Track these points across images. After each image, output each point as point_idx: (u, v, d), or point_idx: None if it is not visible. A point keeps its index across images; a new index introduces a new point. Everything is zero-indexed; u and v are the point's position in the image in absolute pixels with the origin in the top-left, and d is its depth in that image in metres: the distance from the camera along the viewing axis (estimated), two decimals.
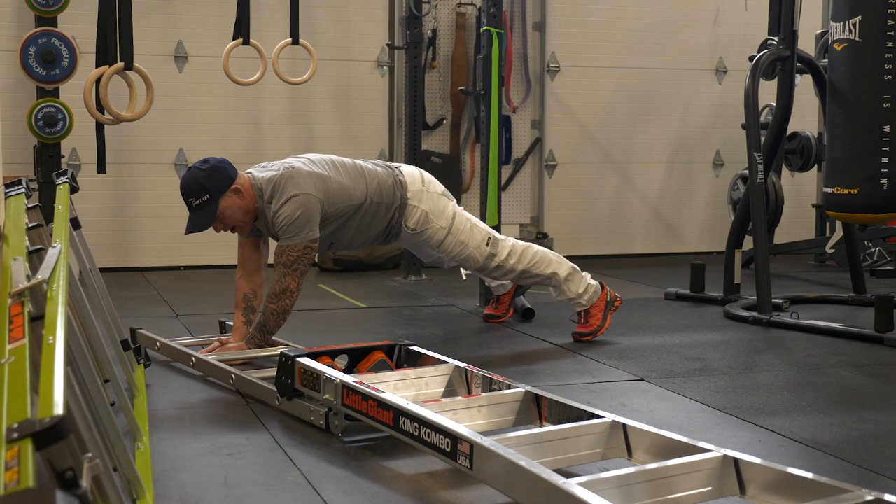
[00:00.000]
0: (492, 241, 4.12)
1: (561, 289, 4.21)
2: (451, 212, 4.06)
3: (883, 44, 4.48)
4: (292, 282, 3.69)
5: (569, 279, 4.19)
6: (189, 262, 6.51)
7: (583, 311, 4.27)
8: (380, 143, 6.87)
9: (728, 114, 7.34)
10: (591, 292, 4.22)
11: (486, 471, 2.30)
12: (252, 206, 3.75)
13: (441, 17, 6.90)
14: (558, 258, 4.23)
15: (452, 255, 4.10)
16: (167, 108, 6.26)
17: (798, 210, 7.40)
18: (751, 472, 2.26)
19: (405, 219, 3.99)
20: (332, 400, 2.87)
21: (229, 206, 3.70)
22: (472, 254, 4.09)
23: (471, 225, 4.10)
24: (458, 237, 4.06)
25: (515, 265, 4.14)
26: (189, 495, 2.43)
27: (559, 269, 4.19)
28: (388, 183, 3.96)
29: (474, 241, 4.08)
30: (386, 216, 3.96)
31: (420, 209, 4.00)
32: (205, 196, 3.67)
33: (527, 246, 4.20)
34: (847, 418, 3.13)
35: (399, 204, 3.97)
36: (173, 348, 3.79)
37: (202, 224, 3.73)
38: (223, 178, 3.69)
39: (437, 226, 4.02)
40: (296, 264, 3.69)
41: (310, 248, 3.71)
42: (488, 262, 4.12)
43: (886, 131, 4.48)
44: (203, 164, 3.73)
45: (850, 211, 4.59)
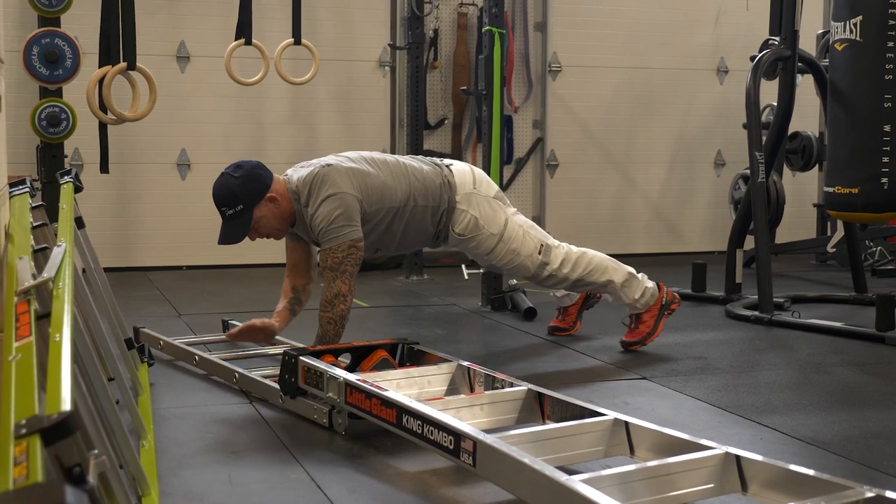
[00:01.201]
0: (544, 249, 3.84)
1: (617, 295, 3.98)
2: (503, 217, 3.80)
3: (884, 44, 4.49)
4: (342, 285, 3.44)
5: (625, 285, 3.94)
6: (191, 262, 6.52)
7: (634, 315, 4.06)
8: (382, 143, 6.88)
9: (729, 114, 7.35)
10: (647, 296, 3.99)
11: (489, 468, 2.31)
12: (288, 212, 3.54)
13: (443, 17, 6.91)
14: (615, 264, 3.97)
15: (502, 263, 3.84)
16: (170, 108, 6.27)
17: (799, 210, 7.41)
18: (753, 470, 2.27)
19: (453, 224, 3.75)
20: (335, 398, 2.88)
21: (264, 216, 3.50)
22: (524, 263, 3.83)
23: (523, 232, 3.83)
24: (509, 245, 3.80)
25: (569, 274, 3.88)
26: (193, 493, 2.44)
27: (615, 275, 3.93)
28: (435, 184, 3.71)
29: (526, 249, 3.82)
30: (433, 220, 3.72)
31: (469, 214, 3.75)
32: (238, 206, 3.45)
33: (581, 252, 3.92)
34: (848, 416, 3.14)
35: (446, 207, 3.72)
36: (177, 347, 3.80)
37: (236, 235, 3.51)
38: (257, 186, 3.47)
39: (487, 233, 3.77)
40: (342, 266, 3.44)
41: (354, 248, 3.46)
42: (540, 271, 3.85)
43: (887, 131, 4.50)
44: (236, 171, 3.49)
45: (851, 210, 4.61)
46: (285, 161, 6.64)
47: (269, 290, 5.76)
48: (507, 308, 5.00)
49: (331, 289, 3.45)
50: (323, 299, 3.47)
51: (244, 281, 6.06)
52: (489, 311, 5.02)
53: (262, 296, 5.54)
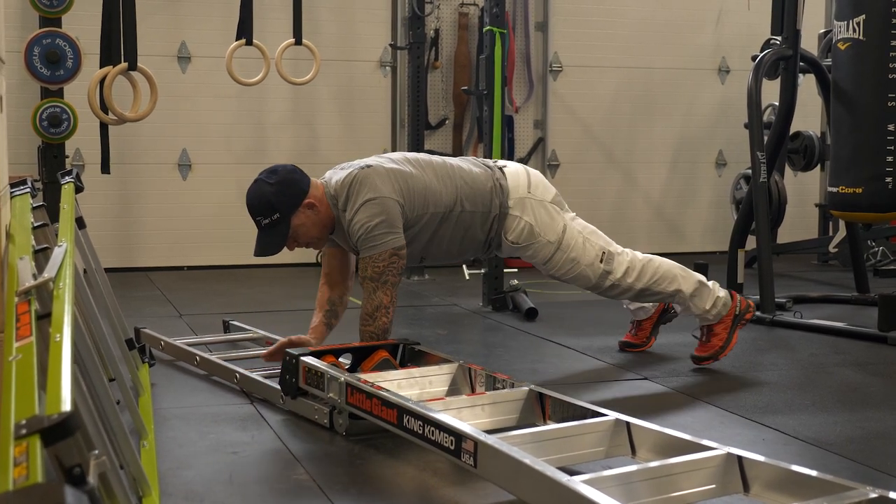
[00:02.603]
0: (606, 257, 3.56)
1: (686, 305, 3.70)
2: (560, 224, 3.53)
3: (887, 42, 4.48)
4: (384, 296, 3.20)
5: (694, 295, 3.65)
6: (193, 263, 6.52)
7: (705, 327, 3.75)
8: (383, 143, 6.88)
9: (731, 113, 7.34)
10: (719, 306, 3.69)
11: (490, 469, 2.30)
12: (327, 218, 3.33)
13: (444, 17, 6.91)
14: (684, 272, 3.68)
15: (561, 272, 3.57)
16: (171, 108, 6.27)
17: (801, 210, 7.40)
18: (754, 470, 2.26)
19: (505, 231, 3.49)
20: (336, 398, 2.88)
21: (303, 224, 3.28)
22: (584, 272, 3.56)
23: (583, 239, 3.56)
24: (568, 253, 3.53)
25: (633, 283, 3.59)
26: (194, 493, 2.43)
27: (683, 284, 3.64)
28: (485, 188, 3.45)
29: (587, 258, 3.55)
30: (483, 227, 3.47)
31: (523, 221, 3.49)
32: (274, 215, 3.24)
33: (647, 260, 3.64)
34: (850, 417, 3.14)
35: (498, 213, 3.46)
36: (178, 347, 3.80)
37: (273, 246, 3.29)
38: (294, 193, 3.26)
39: (543, 241, 3.51)
40: (384, 276, 3.20)
41: (396, 257, 3.21)
42: (602, 280, 3.58)
43: (891, 130, 4.48)
44: (270, 177, 3.28)
45: (855, 210, 4.59)
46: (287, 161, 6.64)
47: (270, 290, 5.77)
48: (508, 308, 5.00)
49: (371, 300, 3.21)
50: (363, 312, 3.23)
51: (246, 281, 6.06)
52: (490, 311, 5.02)
53: (264, 296, 5.54)
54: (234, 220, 6.58)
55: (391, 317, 3.22)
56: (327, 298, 3.51)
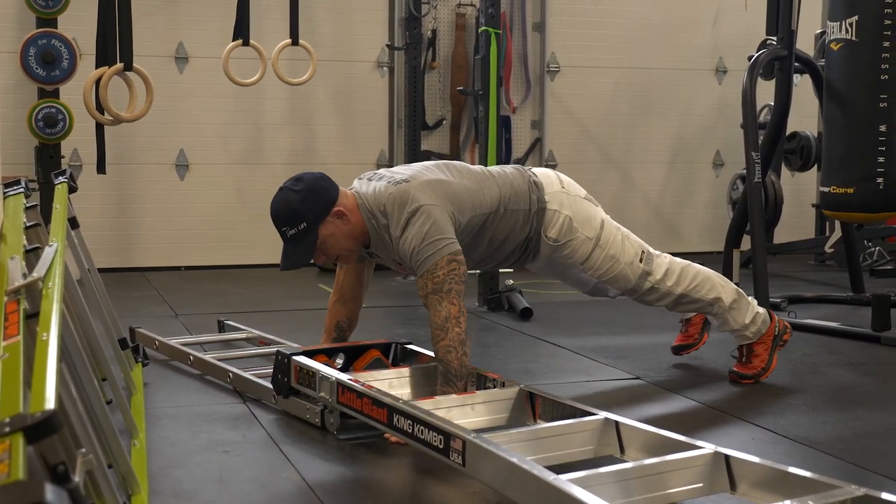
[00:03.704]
0: (646, 257, 3.42)
1: (724, 318, 3.50)
2: (598, 218, 3.41)
3: (879, 43, 4.48)
4: (451, 306, 2.91)
5: (734, 307, 3.49)
6: (190, 263, 6.53)
7: (745, 346, 3.57)
8: (380, 144, 6.88)
9: (728, 114, 7.34)
10: (759, 323, 3.52)
11: (478, 467, 2.32)
12: (360, 230, 3.09)
13: (441, 18, 6.91)
14: (723, 280, 3.53)
15: (600, 272, 3.38)
16: (168, 108, 6.28)
17: (798, 210, 7.40)
18: (742, 469, 2.27)
19: (545, 227, 3.30)
20: (327, 398, 2.89)
21: (332, 234, 3.05)
22: (624, 271, 3.39)
23: (621, 236, 3.42)
24: (607, 250, 3.36)
25: (673, 288, 3.42)
26: (184, 491, 2.44)
27: (723, 293, 3.48)
28: (523, 186, 3.29)
29: (626, 256, 3.38)
30: (524, 227, 3.28)
31: (562, 214, 3.32)
32: (301, 224, 3.02)
33: (685, 264, 3.49)
34: (841, 416, 3.15)
35: (536, 209, 3.29)
36: (172, 347, 3.81)
37: (301, 258, 3.07)
38: (322, 201, 3.04)
39: (582, 236, 3.33)
40: (445, 286, 2.92)
41: (455, 263, 2.95)
42: (641, 282, 3.40)
43: (883, 131, 4.48)
44: (296, 184, 3.07)
45: (847, 210, 4.60)
46: (284, 161, 6.68)
47: (266, 290, 5.78)
48: (503, 308, 5.01)
49: (438, 314, 2.91)
50: (433, 328, 2.93)
51: (242, 281, 6.07)
52: (486, 311, 5.03)
53: (260, 296, 5.55)
54: (231, 220, 6.60)
55: (464, 326, 2.93)
56: (336, 323, 3.37)
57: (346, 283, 3.35)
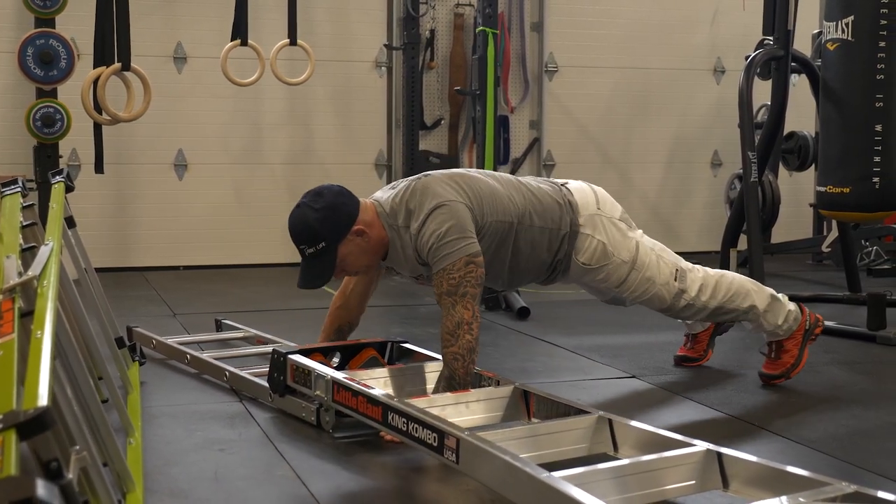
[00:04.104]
0: (679, 275, 3.29)
1: (758, 322, 3.43)
2: (633, 241, 3.24)
3: (875, 43, 4.49)
4: (464, 311, 2.85)
5: (768, 310, 3.41)
6: (188, 262, 6.54)
7: (774, 343, 3.50)
8: (378, 144, 6.90)
9: (726, 114, 7.35)
10: (790, 321, 3.46)
11: (472, 465, 2.33)
12: (379, 244, 3.02)
13: (439, 18, 6.93)
14: (757, 286, 3.44)
15: (636, 294, 3.27)
16: (167, 108, 6.30)
17: (796, 209, 7.42)
18: (734, 466, 2.28)
19: (576, 251, 3.17)
20: (322, 396, 2.90)
21: (351, 253, 2.98)
22: (659, 292, 3.27)
23: (656, 256, 3.28)
24: (643, 273, 3.24)
25: (708, 302, 3.32)
26: (179, 490, 2.46)
27: (758, 299, 3.39)
28: (555, 204, 3.15)
29: (662, 277, 3.26)
30: (550, 248, 3.14)
31: (595, 240, 3.17)
32: (320, 244, 2.94)
33: (720, 275, 3.38)
34: (835, 415, 3.16)
35: (568, 232, 3.14)
36: (169, 346, 3.82)
37: (319, 278, 3.00)
38: (342, 219, 2.95)
39: (617, 260, 3.20)
40: (461, 288, 2.85)
41: (473, 265, 2.87)
42: (676, 301, 3.30)
43: (879, 130, 4.50)
44: (315, 201, 2.97)
45: (843, 210, 4.61)
46: (282, 161, 6.70)
47: (264, 290, 5.80)
48: (500, 307, 5.02)
49: (451, 317, 2.85)
50: (443, 332, 2.86)
51: (240, 281, 6.08)
52: (483, 310, 5.03)
53: (257, 296, 5.57)
54: (229, 220, 6.62)
55: (476, 333, 2.87)
56: (338, 325, 3.31)
57: (353, 292, 3.30)
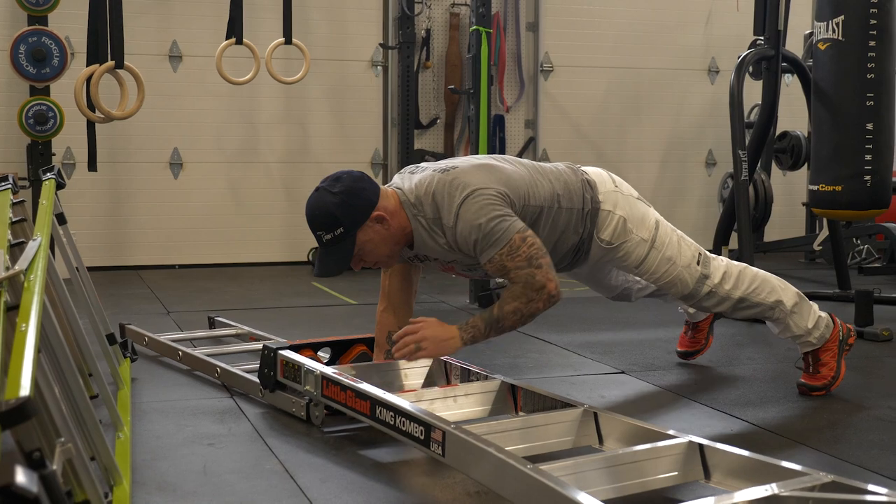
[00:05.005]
0: (703, 259, 3.17)
1: (786, 323, 3.27)
2: (652, 218, 3.14)
3: (865, 43, 4.51)
4: (547, 281, 2.74)
5: (795, 311, 3.25)
6: (183, 261, 6.56)
7: (810, 354, 3.34)
8: (374, 143, 6.92)
9: (720, 113, 7.34)
10: (822, 327, 3.28)
11: (458, 458, 2.34)
12: (401, 233, 2.89)
13: (435, 17, 6.95)
14: (782, 283, 3.30)
15: (656, 276, 3.13)
16: (162, 107, 6.32)
17: (789, 208, 7.44)
18: (715, 458, 2.31)
19: (598, 229, 3.05)
20: (312, 391, 2.92)
21: (370, 240, 2.86)
22: (681, 275, 3.13)
23: (677, 237, 3.16)
24: (663, 252, 3.11)
25: (731, 291, 3.18)
26: (167, 483, 2.47)
27: (784, 296, 3.24)
28: (576, 184, 3.04)
29: (683, 259, 3.13)
30: (578, 227, 3.02)
31: (616, 215, 3.06)
32: (338, 229, 2.83)
33: (743, 267, 3.26)
34: (819, 408, 3.18)
35: (590, 209, 3.04)
36: (161, 343, 3.84)
37: (337, 265, 2.89)
38: (361, 205, 2.83)
39: (637, 238, 3.08)
40: (534, 261, 2.74)
41: (529, 237, 2.75)
42: (699, 286, 3.15)
43: (870, 129, 4.52)
44: (334, 185, 2.86)
45: (835, 208, 4.63)
46: (278, 160, 6.73)
47: (259, 288, 5.82)
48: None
49: (532, 283, 2.73)
50: (520, 287, 2.75)
51: (236, 279, 6.11)
52: (477, 307, 5.06)
53: (252, 294, 5.59)
54: (225, 218, 6.64)
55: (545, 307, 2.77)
56: (388, 335, 3.12)
57: (393, 287, 3.17)
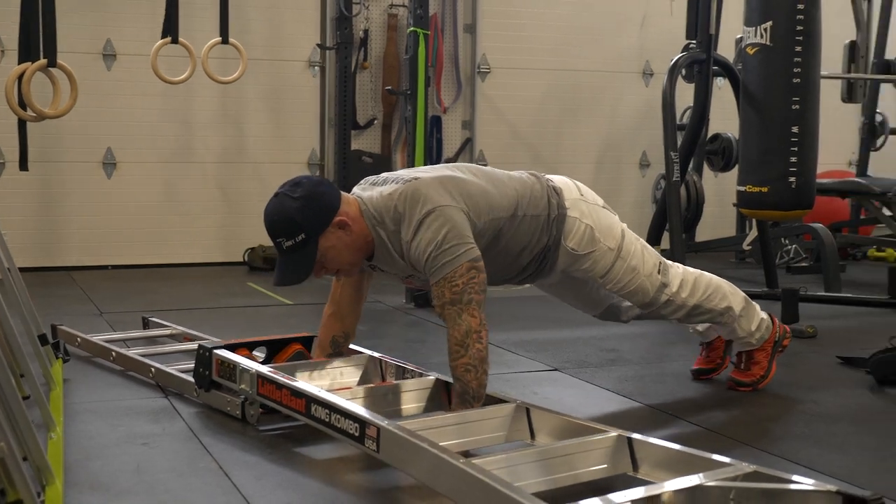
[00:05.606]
0: (662, 268, 3.18)
1: (732, 326, 3.34)
2: (618, 228, 3.13)
3: (792, 48, 4.64)
4: (471, 319, 2.69)
5: (742, 314, 3.33)
6: (117, 262, 6.48)
7: (744, 353, 3.45)
8: (311, 143, 6.91)
9: (654, 115, 7.42)
10: (763, 329, 3.39)
11: (392, 454, 2.38)
12: (363, 241, 2.84)
13: (373, 18, 6.96)
14: (732, 288, 3.35)
15: (620, 285, 3.13)
16: (95, 106, 6.24)
17: (721, 209, 7.58)
18: (643, 451, 2.38)
19: (564, 236, 3.02)
20: (247, 390, 2.93)
21: (333, 247, 2.80)
22: (643, 284, 3.14)
23: (641, 246, 3.17)
24: (628, 262, 3.10)
25: (687, 299, 3.22)
26: (100, 482, 2.47)
27: (734, 301, 3.31)
28: (541, 191, 3.02)
29: (647, 268, 3.14)
30: (542, 234, 3.00)
31: (583, 223, 3.04)
32: (299, 235, 2.77)
33: (698, 274, 3.29)
34: (744, 403, 3.28)
35: (557, 214, 3.01)
36: (94, 344, 3.80)
37: (298, 273, 2.82)
38: (323, 210, 2.78)
39: (604, 247, 3.06)
40: (465, 295, 2.69)
41: (475, 270, 2.71)
42: (658, 294, 3.17)
43: (795, 132, 4.64)
44: (294, 190, 2.80)
45: (761, 208, 4.75)
46: (214, 160, 6.68)
47: (194, 288, 5.78)
48: (430, 304, 5.05)
49: (458, 327, 2.69)
50: (451, 343, 2.70)
51: (170, 279, 6.06)
52: (413, 307, 5.09)
53: (187, 294, 5.55)
54: (159, 219, 6.57)
55: (486, 342, 2.72)
56: (330, 339, 3.14)
57: (344, 295, 3.13)
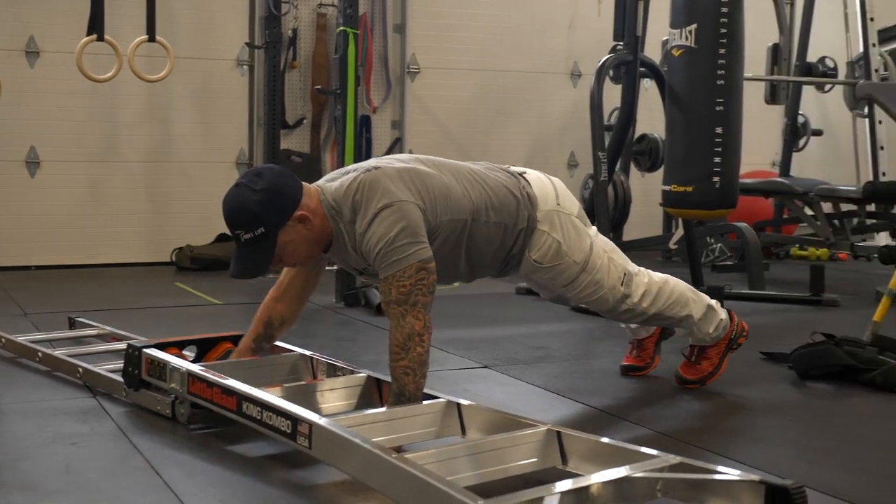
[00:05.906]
0: (626, 279, 3.17)
1: (690, 329, 3.38)
2: (587, 242, 3.09)
3: (716, 50, 4.75)
4: (415, 321, 2.65)
5: (702, 319, 3.33)
6: (41, 262, 6.36)
7: (696, 347, 3.47)
8: (239, 142, 6.87)
9: (582, 116, 7.52)
10: (720, 329, 3.39)
11: (324, 450, 2.39)
12: (322, 234, 2.79)
13: (302, 17, 6.94)
14: (696, 295, 3.34)
15: (581, 294, 3.15)
16: (18, 104, 6.12)
17: (648, 209, 7.71)
18: (572, 444, 2.43)
19: (529, 248, 3.00)
20: (178, 388, 2.91)
21: (292, 241, 2.76)
22: (604, 296, 3.15)
23: (608, 259, 3.14)
24: (592, 275, 3.10)
25: (648, 308, 3.23)
26: (29, 483, 2.44)
27: (695, 309, 3.31)
28: (510, 197, 2.95)
29: (610, 280, 3.14)
30: (507, 242, 2.96)
31: (551, 238, 3.01)
32: (258, 229, 2.71)
33: (663, 282, 3.27)
34: (669, 398, 3.36)
35: (525, 227, 2.97)
36: (18, 344, 3.74)
37: (255, 267, 2.77)
38: (284, 203, 2.72)
39: (569, 261, 3.05)
40: (412, 297, 2.65)
41: (424, 271, 2.66)
42: (619, 305, 3.19)
43: (719, 133, 4.76)
44: (255, 182, 2.73)
45: (686, 207, 4.87)
46: (140, 160, 6.60)
47: (121, 288, 5.71)
48: (360, 304, 5.08)
49: (401, 329, 2.66)
50: (392, 344, 2.69)
51: (96, 279, 5.97)
52: (342, 306, 5.09)
53: (114, 294, 5.48)
54: (85, 219, 6.47)
55: (428, 345, 2.68)
56: (268, 317, 3.09)
57: (293, 283, 3.08)
